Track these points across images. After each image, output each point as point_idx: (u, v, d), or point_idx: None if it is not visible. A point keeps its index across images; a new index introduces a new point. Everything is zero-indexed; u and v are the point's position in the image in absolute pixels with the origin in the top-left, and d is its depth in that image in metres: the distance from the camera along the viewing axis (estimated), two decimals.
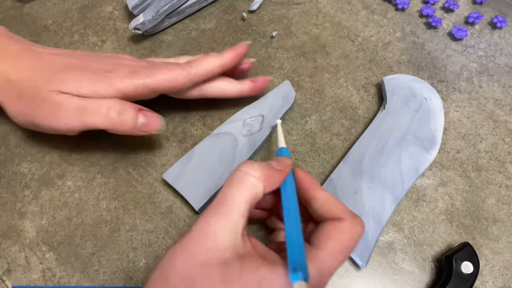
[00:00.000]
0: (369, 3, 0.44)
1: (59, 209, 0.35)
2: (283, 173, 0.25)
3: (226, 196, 0.23)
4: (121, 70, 0.30)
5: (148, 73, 0.30)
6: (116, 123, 0.30)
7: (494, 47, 0.42)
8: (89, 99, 0.29)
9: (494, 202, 0.35)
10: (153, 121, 0.31)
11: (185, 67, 0.31)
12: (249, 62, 0.37)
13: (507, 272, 0.33)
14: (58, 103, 0.29)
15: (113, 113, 0.29)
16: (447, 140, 0.37)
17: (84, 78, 0.30)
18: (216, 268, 0.21)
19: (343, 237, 0.23)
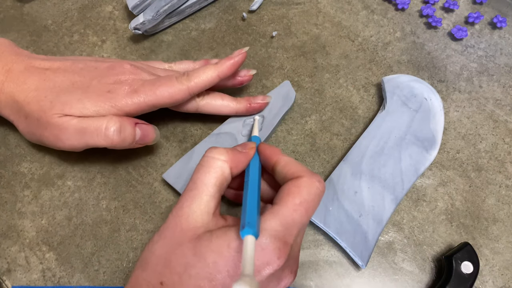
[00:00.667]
0: (369, 3, 0.44)
1: (59, 209, 0.35)
2: (247, 155, 0.28)
3: (195, 181, 0.25)
4: (121, 89, 0.31)
5: (147, 91, 0.31)
6: (117, 141, 0.31)
7: (494, 47, 0.42)
8: (88, 120, 0.30)
9: (494, 202, 0.35)
10: (149, 133, 0.33)
11: (183, 81, 0.32)
12: (249, 75, 0.37)
13: (507, 272, 0.33)
14: (60, 126, 0.30)
15: (112, 133, 0.30)
16: (447, 140, 0.37)
17: (86, 100, 0.30)
18: (189, 244, 0.23)
19: (302, 191, 0.24)
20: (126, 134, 0.31)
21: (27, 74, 0.32)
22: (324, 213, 0.33)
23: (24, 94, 0.31)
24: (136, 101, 0.31)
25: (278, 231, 0.23)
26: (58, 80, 0.32)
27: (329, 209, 0.33)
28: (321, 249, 0.34)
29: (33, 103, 0.31)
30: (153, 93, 0.31)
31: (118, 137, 0.30)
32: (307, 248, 0.34)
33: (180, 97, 0.32)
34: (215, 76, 0.33)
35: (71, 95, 0.31)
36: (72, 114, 0.30)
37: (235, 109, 0.35)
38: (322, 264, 0.33)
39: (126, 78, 0.32)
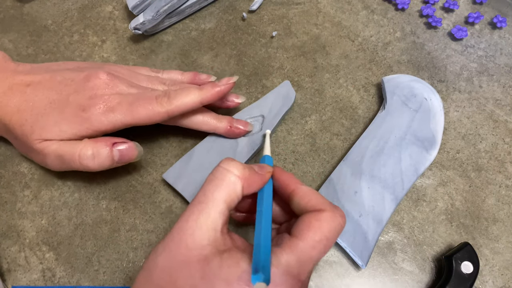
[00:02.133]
0: (369, 3, 0.44)
1: (59, 209, 0.35)
2: (263, 178, 0.26)
3: (205, 194, 0.24)
4: (96, 107, 0.30)
5: (124, 110, 0.30)
6: (93, 167, 0.30)
7: (494, 47, 0.42)
8: (65, 145, 0.30)
9: (494, 202, 0.35)
10: (129, 151, 0.31)
11: (163, 104, 0.31)
12: (236, 102, 0.36)
13: (507, 272, 0.33)
14: (42, 152, 0.31)
15: (86, 160, 0.30)
16: (447, 140, 0.37)
17: (63, 123, 0.30)
18: (196, 265, 0.22)
19: (323, 227, 0.23)
20: (101, 159, 0.30)
21: (10, 94, 0.32)
22: None
23: (8, 117, 0.31)
24: (112, 120, 0.30)
25: (293, 268, 0.22)
26: (37, 99, 0.31)
27: None
28: None
29: (17, 128, 0.31)
30: (130, 113, 0.30)
31: (93, 163, 0.30)
32: None
33: (158, 119, 0.31)
34: (197, 102, 0.32)
35: (48, 118, 0.30)
36: (51, 139, 0.30)
37: (214, 128, 0.34)
38: (322, 264, 0.33)
39: (102, 93, 0.31)
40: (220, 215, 0.23)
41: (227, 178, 0.24)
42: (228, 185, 0.24)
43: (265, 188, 0.26)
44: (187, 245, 0.22)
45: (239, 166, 0.25)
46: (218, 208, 0.23)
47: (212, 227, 0.23)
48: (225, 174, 0.24)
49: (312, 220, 0.23)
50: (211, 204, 0.23)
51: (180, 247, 0.22)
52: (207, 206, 0.23)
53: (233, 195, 0.24)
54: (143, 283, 0.23)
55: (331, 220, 0.23)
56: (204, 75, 0.37)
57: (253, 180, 0.25)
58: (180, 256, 0.22)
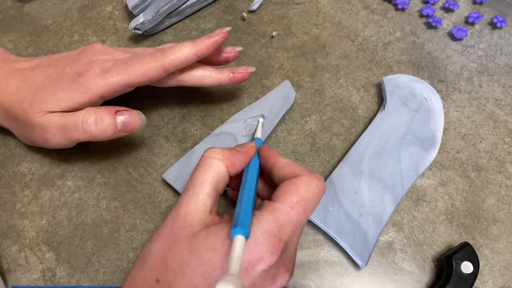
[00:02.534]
0: (369, 3, 0.44)
1: (59, 209, 0.35)
2: (245, 154, 0.27)
3: (192, 181, 0.25)
4: (92, 70, 0.30)
5: (119, 70, 0.30)
6: (96, 133, 0.30)
7: (494, 47, 0.42)
8: (67, 115, 0.30)
9: (494, 202, 0.35)
10: (133, 119, 0.31)
11: (158, 58, 0.31)
12: (235, 50, 0.35)
13: (507, 272, 0.33)
14: (43, 126, 0.30)
15: (89, 126, 0.30)
16: (447, 140, 0.37)
17: (60, 91, 0.30)
18: (185, 242, 0.23)
19: (300, 189, 0.24)
20: (104, 125, 0.30)
21: (9, 78, 0.32)
22: (324, 213, 0.33)
23: (8, 98, 0.31)
24: (108, 81, 0.30)
25: (272, 227, 0.23)
26: (35, 76, 0.32)
27: (329, 209, 0.33)
28: (321, 249, 0.34)
29: (17, 106, 0.31)
30: (125, 71, 0.30)
31: (96, 128, 0.30)
32: (307, 248, 0.34)
33: (154, 75, 0.31)
34: (192, 54, 0.31)
35: (46, 89, 0.30)
36: (51, 110, 0.30)
37: (218, 79, 0.34)
38: (322, 264, 0.33)
39: (97, 58, 0.31)
40: (208, 196, 0.25)
41: (210, 163, 0.26)
42: (211, 169, 0.25)
43: (251, 163, 0.28)
44: (178, 227, 0.24)
45: (218, 150, 0.26)
46: (205, 190, 0.25)
47: (202, 209, 0.24)
48: (208, 161, 0.26)
49: (290, 184, 0.25)
50: (198, 187, 0.25)
51: (172, 230, 0.24)
52: (194, 191, 0.25)
53: (218, 176, 0.26)
54: (138, 269, 0.24)
55: (308, 183, 0.24)
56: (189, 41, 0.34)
57: (236, 158, 0.27)
58: (172, 237, 0.24)
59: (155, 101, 0.39)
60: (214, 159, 0.26)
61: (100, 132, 0.30)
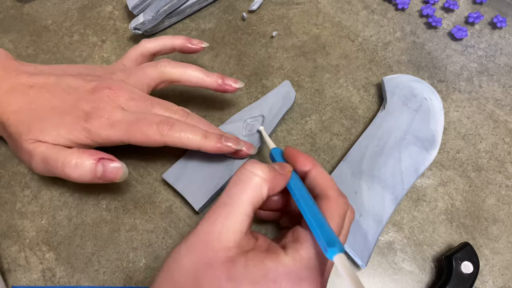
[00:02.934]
0: (369, 3, 0.44)
1: (59, 209, 0.35)
2: (285, 177, 0.26)
3: (231, 196, 0.24)
4: (98, 119, 0.30)
5: (123, 131, 0.30)
6: (74, 177, 0.30)
7: (494, 47, 0.42)
8: (52, 150, 0.30)
9: (494, 202, 0.35)
10: (115, 171, 0.30)
11: (163, 132, 0.30)
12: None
13: (507, 272, 0.33)
14: (30, 152, 0.30)
15: (68, 169, 0.30)
16: (447, 140, 0.37)
17: (62, 127, 0.30)
18: (222, 266, 0.22)
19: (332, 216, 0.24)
20: (84, 171, 0.30)
21: (11, 95, 0.32)
22: None
23: (7, 116, 0.31)
24: (110, 136, 0.30)
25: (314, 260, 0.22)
26: (39, 102, 0.31)
27: None
28: None
29: (13, 126, 0.31)
30: (127, 135, 0.30)
31: (74, 173, 0.30)
32: None
33: (153, 145, 0.31)
34: (195, 146, 0.31)
35: (48, 121, 0.30)
36: (46, 141, 0.30)
37: (205, 82, 0.34)
38: None
39: (104, 106, 0.31)
40: (247, 217, 0.23)
41: (253, 180, 0.24)
42: (254, 188, 0.24)
43: (291, 183, 0.27)
44: (213, 247, 0.22)
45: (264, 168, 0.25)
46: (245, 210, 0.23)
47: (238, 230, 0.23)
48: (251, 177, 0.24)
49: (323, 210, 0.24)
50: (238, 207, 0.23)
51: (207, 249, 0.22)
52: (233, 209, 0.23)
53: (259, 197, 0.24)
54: (164, 284, 0.23)
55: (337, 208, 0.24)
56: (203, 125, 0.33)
57: (277, 181, 0.25)
58: (206, 259, 0.22)
59: None
60: (257, 176, 0.24)
61: (78, 176, 0.30)
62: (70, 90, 0.32)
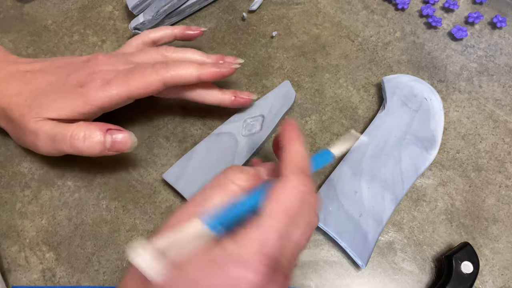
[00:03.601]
0: (369, 3, 0.44)
1: (59, 209, 0.35)
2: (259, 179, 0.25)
3: (205, 198, 0.23)
4: (94, 82, 0.30)
5: (120, 82, 0.30)
6: (83, 149, 0.30)
7: (494, 47, 0.42)
8: (59, 126, 0.30)
9: (494, 202, 0.35)
10: (123, 139, 0.31)
11: (160, 71, 0.30)
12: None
13: (507, 272, 0.33)
14: (35, 132, 0.30)
15: (77, 141, 0.30)
16: (447, 140, 0.37)
17: (60, 99, 0.30)
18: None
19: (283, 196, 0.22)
20: (93, 142, 0.30)
21: (9, 80, 0.32)
22: (324, 213, 0.33)
23: (7, 100, 0.31)
24: (108, 93, 0.30)
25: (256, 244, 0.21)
26: (37, 82, 0.31)
27: (329, 209, 0.33)
28: (321, 249, 0.34)
29: (14, 109, 0.31)
30: (125, 84, 0.30)
31: (84, 145, 0.30)
32: (307, 248, 0.34)
33: (154, 89, 0.31)
34: (194, 76, 0.31)
35: (47, 96, 0.30)
36: (48, 117, 0.30)
37: (219, 99, 0.34)
38: (322, 264, 0.33)
39: (100, 69, 0.31)
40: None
41: (229, 188, 0.24)
42: (228, 195, 0.23)
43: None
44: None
45: (243, 177, 0.24)
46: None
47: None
48: (228, 184, 0.24)
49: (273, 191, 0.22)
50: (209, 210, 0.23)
51: None
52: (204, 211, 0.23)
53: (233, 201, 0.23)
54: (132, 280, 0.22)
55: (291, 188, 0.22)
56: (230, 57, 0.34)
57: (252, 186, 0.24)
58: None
59: (155, 100, 0.39)
60: (234, 185, 0.24)
61: (87, 149, 0.30)
62: (66, 66, 0.32)
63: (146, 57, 0.33)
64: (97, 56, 0.32)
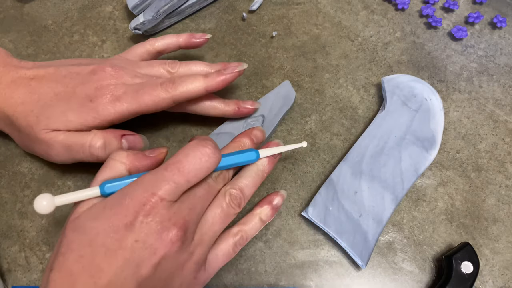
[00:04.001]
0: (369, 3, 0.44)
1: (59, 209, 0.35)
2: (152, 159, 0.28)
3: (94, 180, 0.26)
4: (103, 97, 0.30)
5: (130, 99, 0.31)
6: (102, 158, 0.31)
7: (494, 47, 0.42)
8: (74, 136, 0.30)
9: (494, 202, 0.35)
10: (136, 144, 0.33)
11: (168, 90, 0.31)
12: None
13: (507, 272, 0.33)
14: (48, 142, 0.31)
15: (97, 150, 0.30)
16: (447, 140, 0.37)
17: (69, 112, 0.30)
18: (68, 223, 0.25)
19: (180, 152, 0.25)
20: (111, 149, 0.31)
21: (13, 87, 0.32)
22: (324, 213, 0.33)
23: (12, 109, 0.31)
24: (118, 109, 0.30)
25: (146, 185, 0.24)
26: (43, 91, 0.31)
27: (329, 209, 0.33)
28: (321, 249, 0.34)
29: (21, 119, 0.31)
30: (136, 101, 0.31)
31: (104, 153, 0.30)
32: (307, 248, 0.34)
33: (164, 105, 0.31)
34: (202, 89, 0.32)
35: (54, 108, 0.31)
36: (57, 128, 0.30)
37: (223, 112, 0.35)
38: (322, 264, 0.33)
39: (108, 83, 0.31)
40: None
41: (111, 164, 0.26)
42: (111, 170, 0.26)
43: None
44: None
45: (124, 153, 0.27)
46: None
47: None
48: (110, 162, 0.27)
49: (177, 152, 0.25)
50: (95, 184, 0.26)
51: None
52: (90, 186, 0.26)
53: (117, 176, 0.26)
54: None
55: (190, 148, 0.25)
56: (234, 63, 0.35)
57: (140, 162, 0.27)
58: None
59: None
60: (117, 162, 0.26)
61: (106, 157, 0.30)
62: (72, 75, 0.32)
63: (153, 71, 0.34)
64: (104, 68, 0.32)
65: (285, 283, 0.33)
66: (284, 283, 0.33)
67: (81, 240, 0.23)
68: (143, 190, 0.23)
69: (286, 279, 0.33)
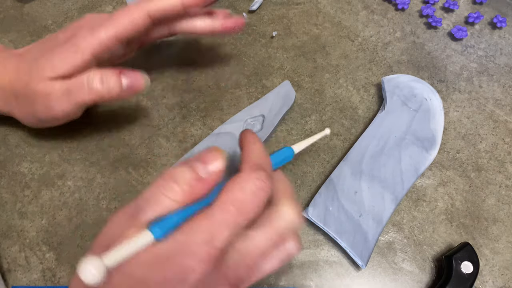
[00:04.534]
0: (369, 3, 0.44)
1: (59, 209, 0.35)
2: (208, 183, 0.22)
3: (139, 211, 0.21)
4: (81, 31, 0.31)
5: (106, 24, 0.30)
6: (102, 92, 0.30)
7: (494, 47, 0.42)
8: (70, 80, 0.30)
9: (494, 202, 0.35)
10: (137, 79, 0.31)
11: (143, 5, 0.30)
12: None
13: (507, 272, 0.33)
14: (46, 92, 0.30)
15: (95, 84, 0.30)
16: (447, 140, 0.37)
17: (55, 56, 0.30)
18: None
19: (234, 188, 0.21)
20: (110, 84, 0.30)
21: (6, 61, 0.33)
22: (324, 213, 0.33)
23: (8, 77, 0.32)
24: (96, 36, 0.30)
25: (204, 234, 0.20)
26: (31, 53, 0.32)
27: (329, 209, 0.33)
28: (321, 249, 0.34)
29: (16, 82, 0.31)
30: (112, 24, 0.30)
31: (102, 87, 0.30)
32: (307, 248, 0.34)
33: (141, 23, 0.31)
34: (178, 4, 0.31)
35: (41, 58, 0.31)
36: (49, 76, 0.30)
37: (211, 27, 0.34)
38: (322, 264, 0.33)
39: (86, 21, 0.32)
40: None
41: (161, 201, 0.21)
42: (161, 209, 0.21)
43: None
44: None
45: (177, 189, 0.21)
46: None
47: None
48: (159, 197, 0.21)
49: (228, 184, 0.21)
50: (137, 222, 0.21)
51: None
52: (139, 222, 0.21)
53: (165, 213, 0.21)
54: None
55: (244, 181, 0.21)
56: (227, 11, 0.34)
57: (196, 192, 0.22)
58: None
59: (155, 101, 0.39)
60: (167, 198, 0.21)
61: (106, 91, 0.30)
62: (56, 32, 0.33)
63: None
64: (84, 16, 0.33)
65: (285, 283, 0.33)
66: (284, 283, 0.33)
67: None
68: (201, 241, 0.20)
69: (286, 279, 0.33)
